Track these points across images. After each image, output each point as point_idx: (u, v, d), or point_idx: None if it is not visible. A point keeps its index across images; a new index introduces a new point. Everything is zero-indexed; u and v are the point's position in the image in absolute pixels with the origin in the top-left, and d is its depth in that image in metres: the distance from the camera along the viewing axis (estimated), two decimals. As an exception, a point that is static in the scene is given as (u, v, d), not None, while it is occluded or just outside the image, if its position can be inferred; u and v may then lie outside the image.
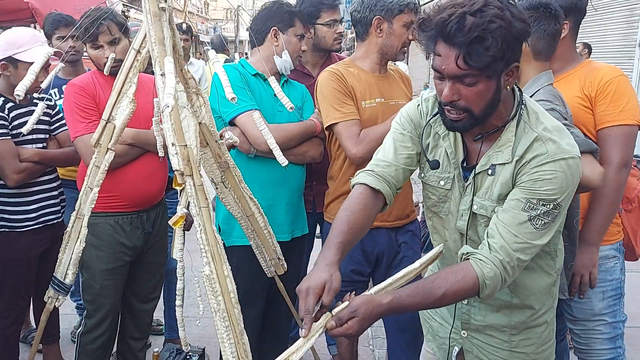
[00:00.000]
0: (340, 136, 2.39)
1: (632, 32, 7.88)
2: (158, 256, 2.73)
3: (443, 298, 1.45)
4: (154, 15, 1.63)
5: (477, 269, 1.45)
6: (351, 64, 2.53)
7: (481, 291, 1.46)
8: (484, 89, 1.41)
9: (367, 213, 1.63)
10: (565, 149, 1.46)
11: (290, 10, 2.56)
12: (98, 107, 2.39)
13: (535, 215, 1.45)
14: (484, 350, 1.70)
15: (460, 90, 1.42)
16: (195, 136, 1.65)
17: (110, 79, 2.33)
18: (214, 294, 1.59)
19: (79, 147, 2.39)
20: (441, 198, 1.67)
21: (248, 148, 2.43)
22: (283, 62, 2.53)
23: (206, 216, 1.61)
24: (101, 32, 2.37)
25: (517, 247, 1.46)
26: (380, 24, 2.43)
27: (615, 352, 2.24)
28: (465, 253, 1.52)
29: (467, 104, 1.44)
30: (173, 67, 1.53)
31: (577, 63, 2.22)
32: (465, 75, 1.39)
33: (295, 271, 2.67)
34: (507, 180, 1.50)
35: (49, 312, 2.10)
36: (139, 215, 2.56)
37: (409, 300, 1.44)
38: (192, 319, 3.40)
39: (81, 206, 1.96)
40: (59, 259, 2.03)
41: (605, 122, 2.08)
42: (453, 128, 1.53)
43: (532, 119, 1.52)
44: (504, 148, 1.51)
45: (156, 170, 2.55)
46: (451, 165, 1.62)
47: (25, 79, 1.64)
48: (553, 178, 1.44)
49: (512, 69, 1.44)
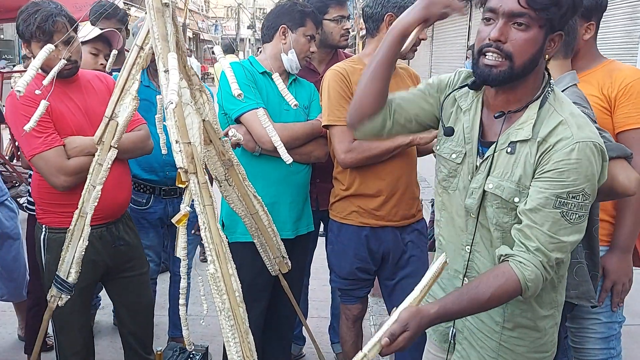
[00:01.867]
0: (333, 138, 2.44)
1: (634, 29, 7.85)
2: (139, 268, 2.54)
3: (489, 302, 1.47)
4: (157, 11, 1.61)
5: (517, 272, 1.45)
6: (359, 61, 2.52)
7: (524, 293, 1.47)
8: (532, 37, 1.42)
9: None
10: (589, 135, 1.45)
11: (303, 10, 2.54)
12: (51, 118, 2.18)
13: (568, 209, 1.44)
14: (474, 335, 1.69)
15: (510, 33, 1.43)
16: (199, 133, 1.63)
17: (62, 83, 2.22)
18: (219, 293, 1.58)
19: (40, 165, 2.18)
20: (451, 172, 1.66)
21: (253, 146, 2.42)
22: (289, 61, 2.52)
23: (210, 214, 1.59)
24: (56, 31, 2.13)
25: (553, 247, 1.45)
26: (392, 21, 2.41)
27: (608, 353, 2.22)
28: (503, 255, 1.50)
29: (512, 49, 1.43)
30: (177, 63, 1.52)
31: (598, 62, 2.19)
32: (522, 14, 1.40)
33: (299, 269, 2.66)
34: (530, 163, 1.48)
35: (52, 310, 2.09)
36: (107, 228, 2.38)
37: (455, 307, 1.46)
38: (196, 318, 3.39)
39: (84, 204, 1.94)
40: (61, 257, 2.01)
41: (628, 124, 2.05)
42: (486, 75, 1.48)
43: (557, 103, 1.51)
44: (525, 125, 1.50)
45: (123, 176, 2.41)
46: (465, 140, 1.62)
47: (26, 74, 1.62)
48: (578, 166, 1.42)
49: (556, 36, 1.45)
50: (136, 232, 2.56)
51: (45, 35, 2.12)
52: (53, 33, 2.12)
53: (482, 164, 1.58)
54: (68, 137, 2.24)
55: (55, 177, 2.19)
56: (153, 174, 2.92)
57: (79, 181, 2.18)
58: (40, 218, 2.37)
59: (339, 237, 2.58)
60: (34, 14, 2.14)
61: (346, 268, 2.57)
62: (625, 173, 1.79)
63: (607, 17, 9.06)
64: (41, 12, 2.14)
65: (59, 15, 2.16)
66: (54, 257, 2.27)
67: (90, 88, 2.37)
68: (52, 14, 2.14)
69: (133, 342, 2.60)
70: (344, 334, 2.74)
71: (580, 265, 1.94)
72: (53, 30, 2.13)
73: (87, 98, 2.34)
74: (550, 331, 1.67)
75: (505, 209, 1.54)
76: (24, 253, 3.14)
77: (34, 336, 2.19)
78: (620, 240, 2.12)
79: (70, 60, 2.19)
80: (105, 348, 3.40)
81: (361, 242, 2.50)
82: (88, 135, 2.24)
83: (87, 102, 2.33)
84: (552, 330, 1.68)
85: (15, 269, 3.13)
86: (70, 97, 2.29)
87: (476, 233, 1.62)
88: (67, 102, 2.27)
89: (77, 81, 2.34)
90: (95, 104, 2.32)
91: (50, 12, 2.14)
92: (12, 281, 3.16)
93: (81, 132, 2.27)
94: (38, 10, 2.15)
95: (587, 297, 1.98)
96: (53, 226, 2.32)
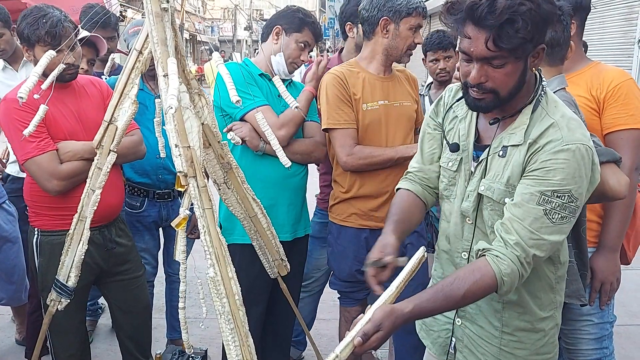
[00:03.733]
0: (334, 141, 2.46)
1: (630, 30, 7.87)
2: (134, 270, 2.53)
3: (463, 299, 1.46)
4: (156, 15, 1.62)
5: (494, 266, 1.45)
6: (356, 64, 2.54)
7: (499, 288, 1.46)
8: (512, 70, 1.44)
9: (413, 210, 1.78)
10: (580, 138, 1.46)
11: (304, 18, 2.54)
12: (45, 123, 2.17)
13: (551, 208, 1.44)
14: (474, 342, 1.69)
15: (488, 72, 1.45)
16: (198, 137, 1.64)
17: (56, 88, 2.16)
18: (219, 296, 1.58)
19: (33, 170, 2.19)
20: (451, 180, 1.68)
21: (257, 144, 2.43)
22: (277, 64, 2.52)
23: (210, 218, 1.60)
24: (64, 36, 2.15)
25: (533, 244, 1.45)
26: (387, 25, 2.42)
27: (602, 353, 2.23)
28: (481, 249, 1.51)
29: (494, 85, 1.46)
30: (176, 67, 1.52)
31: (584, 64, 2.21)
32: (495, 57, 1.41)
33: (297, 271, 2.66)
34: (519, 163, 1.50)
35: (51, 315, 2.09)
36: (100, 231, 2.37)
37: (430, 305, 1.45)
38: (195, 321, 3.39)
39: (83, 208, 1.94)
40: (61, 261, 2.01)
41: (616, 126, 2.08)
42: (476, 107, 1.55)
43: (550, 106, 1.53)
44: (517, 130, 1.52)
45: (116, 181, 2.39)
46: (462, 146, 1.64)
47: (29, 81, 1.63)
48: (565, 167, 1.43)
49: (539, 50, 1.45)
50: (130, 235, 2.56)
51: (54, 40, 2.13)
52: (62, 38, 2.13)
53: (477, 168, 1.59)
54: (61, 141, 2.24)
55: (48, 182, 2.19)
56: (146, 177, 2.92)
57: (72, 186, 2.20)
58: (32, 221, 2.37)
59: (338, 239, 2.59)
60: (41, 19, 2.15)
61: (346, 270, 2.58)
62: (615, 177, 1.82)
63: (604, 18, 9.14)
64: (50, 17, 2.15)
65: (65, 20, 2.19)
66: (47, 260, 2.29)
67: (84, 93, 2.38)
68: (60, 19, 2.17)
69: (131, 346, 2.59)
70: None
71: (571, 264, 1.95)
72: (62, 35, 2.14)
73: (81, 103, 2.34)
74: (551, 332, 1.68)
75: (498, 210, 1.55)
76: (22, 256, 3.14)
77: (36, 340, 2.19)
78: (608, 240, 2.13)
79: (73, 65, 2.20)
80: (104, 352, 3.40)
81: (361, 245, 2.51)
82: (81, 140, 2.25)
83: (81, 107, 2.33)
84: (552, 332, 1.68)
85: (14, 273, 3.12)
86: (64, 102, 2.29)
87: (474, 239, 1.63)
88: (60, 106, 2.27)
89: (71, 86, 2.34)
90: (88, 109, 2.32)
91: (58, 18, 2.17)
92: (12, 284, 3.15)
93: (74, 136, 2.28)
94: (45, 14, 2.16)
95: (577, 295, 1.99)
96: (45, 229, 2.33)
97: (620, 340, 3.53)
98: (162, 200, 2.99)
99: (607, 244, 2.14)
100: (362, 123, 2.45)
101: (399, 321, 1.42)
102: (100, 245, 2.38)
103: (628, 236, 2.27)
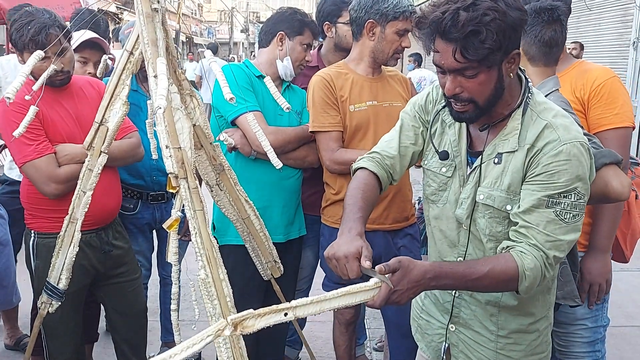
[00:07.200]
0: (319, 144, 2.47)
1: (626, 32, 7.90)
2: (130, 273, 2.53)
3: (485, 277, 1.42)
4: (147, 16, 1.61)
5: (517, 260, 1.44)
6: (344, 66, 2.53)
7: (520, 282, 1.44)
8: (485, 79, 1.43)
9: (375, 192, 1.68)
10: (575, 135, 1.46)
11: (303, 19, 2.55)
12: (43, 126, 2.18)
13: (562, 209, 1.44)
14: (470, 347, 1.69)
15: (462, 83, 1.44)
16: (189, 138, 1.63)
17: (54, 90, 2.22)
18: (210, 298, 1.57)
19: (31, 173, 2.18)
20: (441, 186, 1.66)
21: (249, 150, 2.42)
22: (284, 68, 2.53)
23: (201, 219, 1.59)
24: (49, 43, 2.10)
25: (551, 246, 1.45)
26: (373, 28, 2.42)
27: (594, 356, 2.23)
28: (505, 247, 1.50)
29: (470, 95, 1.45)
30: (165, 68, 1.51)
31: (568, 64, 2.21)
32: (465, 68, 1.40)
33: (291, 273, 2.65)
34: (518, 169, 1.49)
35: (42, 317, 2.07)
36: (97, 234, 2.36)
37: (448, 269, 1.43)
38: (188, 323, 3.37)
39: (74, 210, 1.93)
40: (52, 263, 2.00)
41: (601, 126, 2.07)
42: (460, 119, 1.55)
43: (540, 107, 1.52)
44: (510, 136, 1.51)
45: (113, 183, 2.40)
46: (453, 153, 1.62)
47: (16, 81, 1.62)
48: (568, 167, 1.43)
49: (513, 56, 1.44)
50: (127, 238, 2.55)
51: (38, 46, 2.08)
52: (45, 45, 2.07)
53: (471, 175, 1.58)
54: (59, 144, 2.23)
55: (46, 185, 2.19)
56: (140, 179, 2.90)
57: (70, 189, 2.17)
58: (29, 223, 2.36)
59: (330, 241, 2.56)
60: (27, 25, 2.12)
61: (338, 272, 2.56)
62: (618, 179, 1.81)
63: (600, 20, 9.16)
64: (35, 23, 2.11)
65: (52, 27, 2.13)
66: (44, 263, 2.27)
67: (82, 95, 2.36)
68: (46, 25, 2.12)
69: (126, 349, 2.58)
70: (337, 338, 2.74)
71: (565, 265, 1.95)
72: (46, 43, 2.09)
73: (79, 105, 2.33)
74: (545, 332, 1.68)
75: (498, 218, 1.54)
76: (13, 259, 3.12)
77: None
78: (598, 241, 2.13)
79: (62, 71, 2.18)
80: (98, 354, 3.37)
81: None
82: (79, 143, 2.22)
83: (79, 109, 2.32)
84: (546, 331, 1.69)
85: (5, 276, 3.10)
86: (62, 104, 2.28)
87: (469, 245, 1.62)
88: (58, 109, 2.26)
89: (69, 88, 2.32)
90: (86, 111, 2.30)
91: (44, 24, 2.11)
92: (3, 288, 3.13)
93: (72, 139, 2.27)
94: (32, 20, 2.12)
95: (571, 296, 1.99)
96: (42, 231, 2.31)
97: (616, 341, 3.53)
98: (155, 202, 2.98)
99: (597, 245, 2.13)
100: (349, 124, 2.44)
101: (418, 268, 1.38)
102: (97, 248, 2.37)
103: (624, 235, 2.27)
